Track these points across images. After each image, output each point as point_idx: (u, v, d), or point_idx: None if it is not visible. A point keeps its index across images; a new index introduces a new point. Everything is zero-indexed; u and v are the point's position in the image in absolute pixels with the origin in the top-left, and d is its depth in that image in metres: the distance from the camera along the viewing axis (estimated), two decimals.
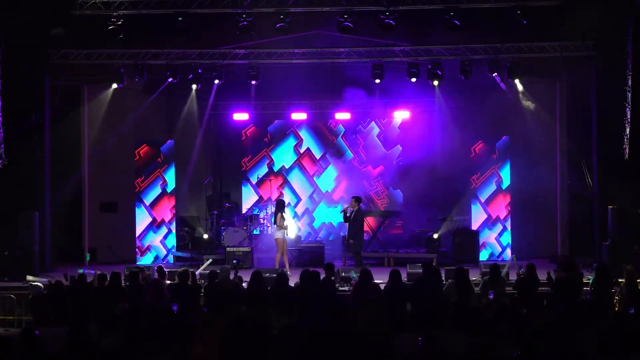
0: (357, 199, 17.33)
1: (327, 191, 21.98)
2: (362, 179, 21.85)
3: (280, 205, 17.81)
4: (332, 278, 13.13)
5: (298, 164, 22.06)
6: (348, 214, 17.15)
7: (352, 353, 7.73)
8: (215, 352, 8.39)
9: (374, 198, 21.87)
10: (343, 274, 15.12)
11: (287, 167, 22.03)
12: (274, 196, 21.09)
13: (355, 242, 17.23)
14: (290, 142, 22.07)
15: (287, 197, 21.38)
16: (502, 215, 19.66)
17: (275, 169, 21.99)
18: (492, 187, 19.73)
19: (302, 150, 22.03)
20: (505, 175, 19.70)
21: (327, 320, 8.90)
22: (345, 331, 8.03)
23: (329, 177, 22.08)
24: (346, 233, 17.73)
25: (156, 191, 19.89)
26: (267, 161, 22.01)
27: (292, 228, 19.30)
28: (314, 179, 22.05)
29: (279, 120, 21.99)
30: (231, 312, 8.69)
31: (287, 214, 18.18)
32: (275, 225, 17.64)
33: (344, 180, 21.86)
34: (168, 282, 13.30)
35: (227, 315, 8.82)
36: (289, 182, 21.92)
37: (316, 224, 21.97)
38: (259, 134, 22.07)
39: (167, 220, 19.93)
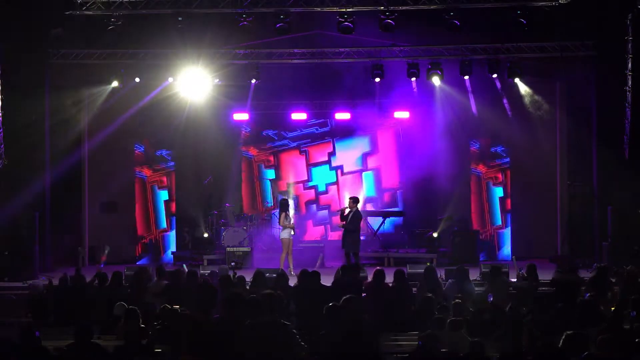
0: (355, 200, 17.30)
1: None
2: (362, 179, 21.85)
3: (283, 205, 17.82)
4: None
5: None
6: (345, 214, 17.12)
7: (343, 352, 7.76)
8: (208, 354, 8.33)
9: (373, 198, 21.87)
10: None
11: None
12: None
13: (353, 242, 17.16)
14: None
15: None
16: (502, 214, 19.69)
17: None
18: (492, 187, 19.77)
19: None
20: (505, 175, 19.73)
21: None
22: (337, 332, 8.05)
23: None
24: (342, 233, 17.62)
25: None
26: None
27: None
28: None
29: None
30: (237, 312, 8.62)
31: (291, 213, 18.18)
32: (280, 226, 17.68)
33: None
34: (165, 282, 13.29)
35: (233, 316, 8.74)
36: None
37: None
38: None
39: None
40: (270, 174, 21.88)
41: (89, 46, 18.55)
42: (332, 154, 22.05)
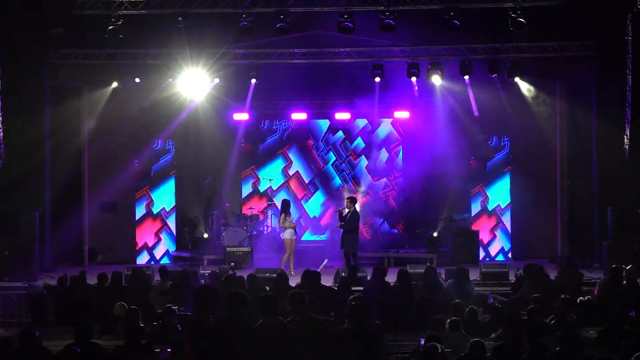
0: (352, 200, 17.28)
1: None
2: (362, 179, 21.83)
3: (284, 206, 17.83)
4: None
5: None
6: (344, 214, 17.10)
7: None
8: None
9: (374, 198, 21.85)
10: (343, 274, 15.13)
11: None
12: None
13: (351, 242, 17.12)
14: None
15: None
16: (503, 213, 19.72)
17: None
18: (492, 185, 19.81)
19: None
20: (505, 174, 19.75)
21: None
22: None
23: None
24: (341, 233, 17.56)
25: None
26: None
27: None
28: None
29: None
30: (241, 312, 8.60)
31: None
32: (280, 227, 17.69)
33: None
34: (170, 282, 13.32)
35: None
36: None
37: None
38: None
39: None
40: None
41: (89, 46, 18.54)
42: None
